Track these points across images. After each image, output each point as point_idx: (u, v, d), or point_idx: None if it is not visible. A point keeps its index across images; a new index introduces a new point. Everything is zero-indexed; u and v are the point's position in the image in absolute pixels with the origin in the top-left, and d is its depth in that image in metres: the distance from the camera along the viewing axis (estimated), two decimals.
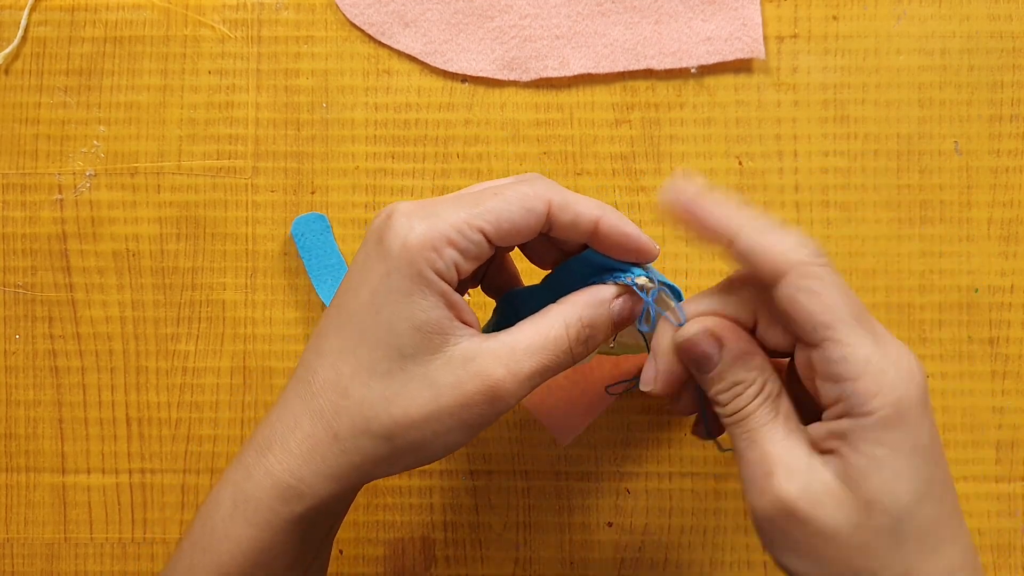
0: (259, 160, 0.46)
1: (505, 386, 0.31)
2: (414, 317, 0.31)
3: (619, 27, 0.46)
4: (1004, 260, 0.45)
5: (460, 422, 0.31)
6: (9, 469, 0.46)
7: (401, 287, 0.31)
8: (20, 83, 0.47)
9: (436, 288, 0.31)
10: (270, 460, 0.33)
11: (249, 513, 0.33)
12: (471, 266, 0.32)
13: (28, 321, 0.46)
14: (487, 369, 0.31)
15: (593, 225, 0.33)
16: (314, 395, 0.32)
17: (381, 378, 0.31)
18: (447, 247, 0.31)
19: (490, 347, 0.32)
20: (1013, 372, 0.45)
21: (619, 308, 0.33)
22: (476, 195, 0.33)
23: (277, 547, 0.33)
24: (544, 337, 0.32)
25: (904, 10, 0.46)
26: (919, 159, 0.45)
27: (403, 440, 0.32)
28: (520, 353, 0.32)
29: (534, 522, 0.46)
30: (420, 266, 0.31)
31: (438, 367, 0.31)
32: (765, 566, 0.45)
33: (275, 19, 0.47)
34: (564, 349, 0.32)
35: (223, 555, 0.33)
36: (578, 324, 0.32)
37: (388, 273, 0.31)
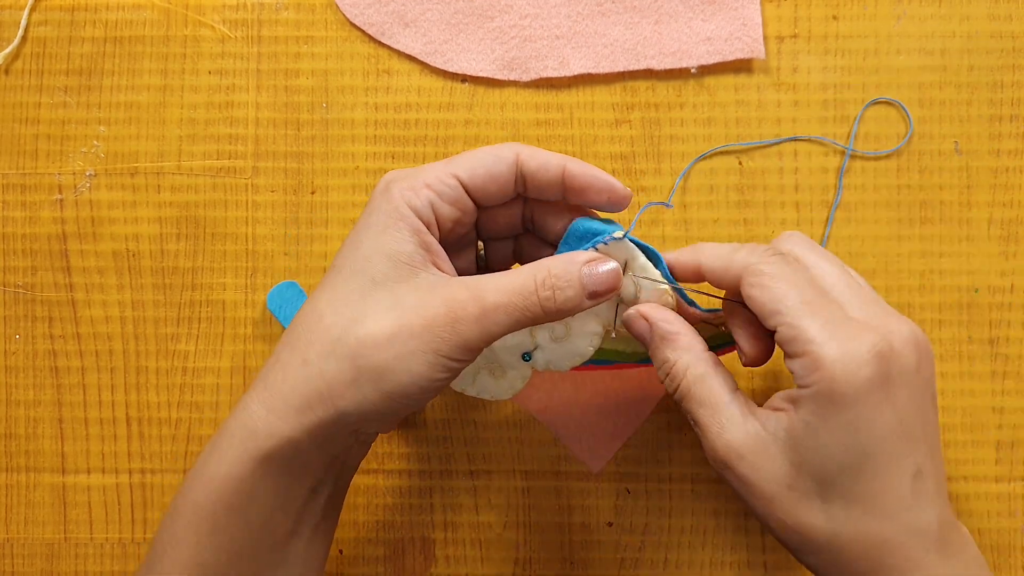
0: (259, 160, 0.46)
1: (468, 310, 0.32)
2: (387, 247, 0.33)
3: (619, 27, 0.46)
4: (1004, 260, 0.45)
5: (423, 344, 0.32)
6: (9, 469, 0.46)
7: (379, 222, 0.34)
8: (20, 83, 0.47)
9: (410, 223, 0.34)
10: (250, 395, 0.34)
11: (223, 449, 0.34)
12: (450, 212, 0.35)
13: (28, 321, 0.46)
14: (451, 293, 0.33)
15: (560, 169, 0.35)
16: (294, 328, 0.34)
17: (351, 302, 0.33)
18: (423, 188, 0.34)
19: (459, 279, 0.34)
20: (1013, 372, 0.45)
21: (588, 272, 0.34)
22: (452, 157, 0.36)
23: (248, 488, 0.33)
24: (511, 279, 0.33)
25: (904, 10, 0.46)
26: (919, 159, 0.45)
27: (366, 361, 0.32)
28: (485, 286, 0.33)
29: (534, 522, 0.46)
30: (396, 203, 0.34)
31: (405, 291, 0.33)
32: (765, 566, 0.45)
33: (275, 19, 0.47)
34: (529, 290, 0.33)
35: (199, 493, 0.34)
36: (545, 272, 0.34)
37: (369, 214, 0.34)
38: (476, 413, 0.46)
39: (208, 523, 0.34)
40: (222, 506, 0.33)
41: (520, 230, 0.39)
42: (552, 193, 0.36)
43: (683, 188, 0.46)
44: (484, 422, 0.46)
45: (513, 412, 0.46)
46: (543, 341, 0.38)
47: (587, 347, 0.38)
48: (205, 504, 0.34)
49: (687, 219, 0.46)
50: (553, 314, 0.34)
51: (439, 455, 0.46)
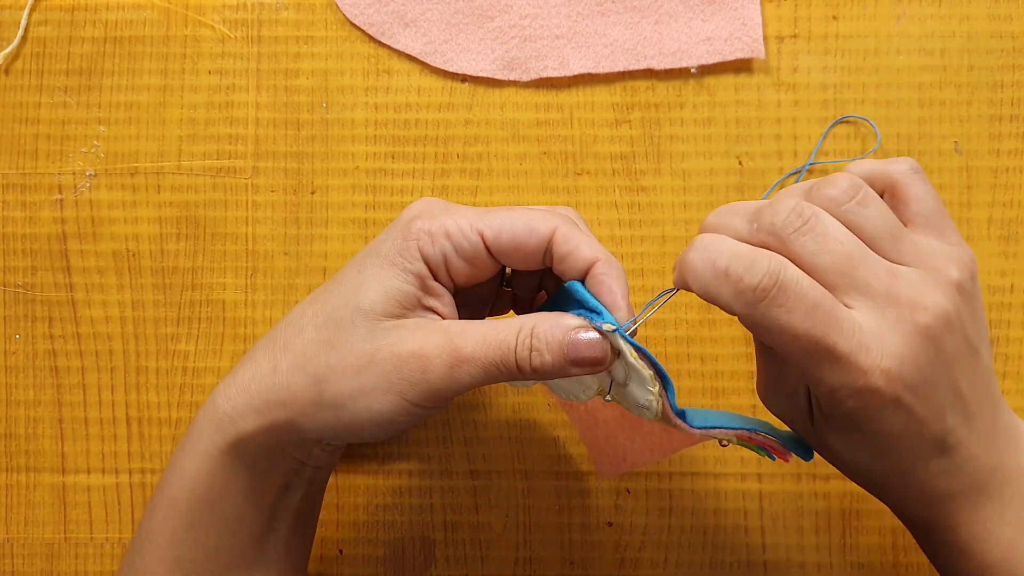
0: (259, 160, 0.46)
1: (440, 356, 0.31)
2: (386, 282, 0.33)
3: (619, 27, 0.46)
4: (1004, 260, 0.45)
5: (388, 384, 0.32)
6: (9, 469, 0.46)
7: (388, 256, 0.33)
8: (20, 83, 0.47)
9: (416, 268, 0.33)
10: (218, 389, 0.34)
11: (194, 442, 0.34)
12: (464, 267, 0.33)
13: (28, 321, 0.46)
14: (429, 337, 0.32)
15: (587, 266, 0.33)
16: (276, 330, 0.34)
17: (334, 325, 0.33)
18: (443, 237, 0.33)
19: (445, 324, 0.33)
20: (1013, 372, 0.45)
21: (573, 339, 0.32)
22: (495, 207, 0.34)
23: (218, 483, 0.34)
24: (492, 332, 0.32)
25: (904, 10, 0.46)
26: (919, 159, 0.45)
27: (329, 387, 0.32)
28: (465, 337, 0.32)
29: (534, 522, 0.46)
30: (409, 243, 0.33)
31: (385, 328, 0.32)
32: (765, 566, 0.45)
33: (275, 19, 0.47)
34: (508, 347, 0.32)
35: (173, 487, 0.34)
36: (529, 332, 0.32)
37: (383, 242, 0.34)
38: (476, 413, 0.46)
39: (183, 517, 0.34)
40: (195, 500, 0.34)
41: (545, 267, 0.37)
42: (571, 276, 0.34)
43: (683, 188, 0.46)
44: (484, 422, 0.46)
45: (513, 412, 0.46)
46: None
47: (581, 395, 0.36)
48: (179, 498, 0.34)
49: (687, 219, 0.46)
50: (528, 374, 0.32)
51: (439, 455, 0.46)
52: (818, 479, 0.45)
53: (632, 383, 0.33)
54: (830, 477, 0.45)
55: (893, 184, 0.33)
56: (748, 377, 0.45)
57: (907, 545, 0.45)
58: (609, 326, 0.32)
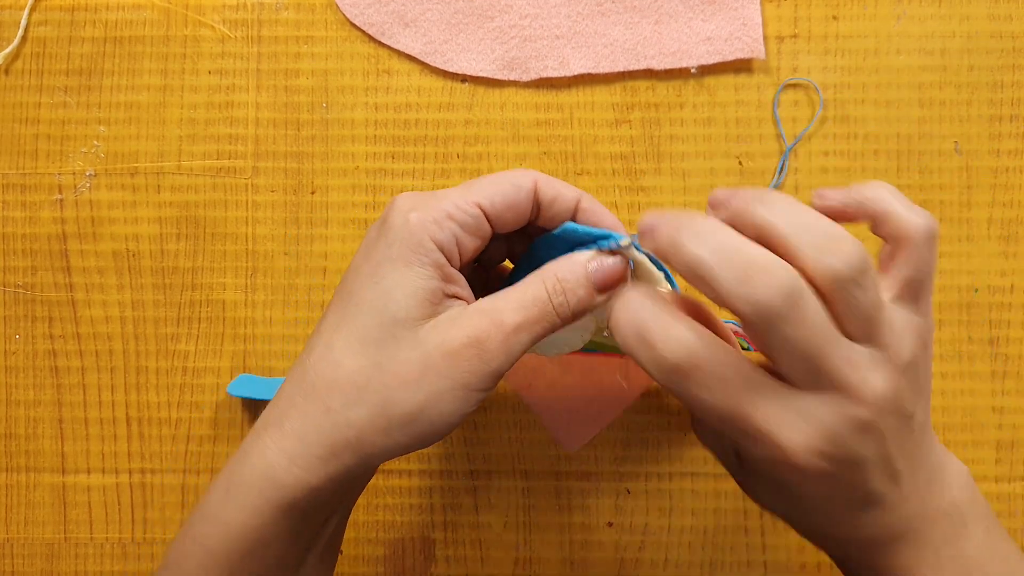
0: (259, 160, 0.46)
1: (491, 336, 0.31)
2: (410, 284, 0.32)
3: (619, 27, 0.46)
4: (1004, 260, 0.45)
5: (451, 383, 0.31)
6: (9, 469, 0.46)
7: (402, 256, 0.32)
8: (20, 83, 0.47)
9: (434, 258, 0.32)
10: (264, 441, 0.32)
11: (240, 497, 0.32)
12: (472, 242, 0.33)
13: (28, 321, 0.46)
14: (472, 323, 0.32)
15: (574, 204, 0.35)
16: (307, 371, 0.32)
17: (373, 346, 0.32)
18: (447, 220, 0.33)
19: (475, 306, 0.33)
20: (1013, 372, 0.45)
21: (595, 267, 0.33)
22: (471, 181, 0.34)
23: (267, 535, 0.32)
24: (523, 294, 0.32)
25: (904, 10, 0.46)
26: (919, 159, 0.45)
27: (397, 409, 0.31)
28: (503, 308, 0.32)
29: (534, 522, 0.46)
30: (421, 237, 0.32)
31: (427, 330, 0.32)
32: (765, 566, 0.45)
33: (275, 19, 0.47)
34: (543, 300, 0.32)
35: (212, 539, 0.33)
36: (552, 279, 0.33)
37: (390, 245, 0.32)
38: (476, 413, 0.46)
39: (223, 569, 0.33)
40: (237, 554, 0.33)
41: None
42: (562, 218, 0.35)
43: (683, 188, 0.46)
44: (484, 422, 0.46)
45: (513, 412, 0.46)
46: None
47: (577, 340, 0.37)
48: (220, 552, 0.33)
49: None
50: (568, 319, 0.33)
51: (439, 455, 0.46)
52: None
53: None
54: None
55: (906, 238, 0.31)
56: None
57: None
58: (626, 240, 0.33)
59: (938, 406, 0.45)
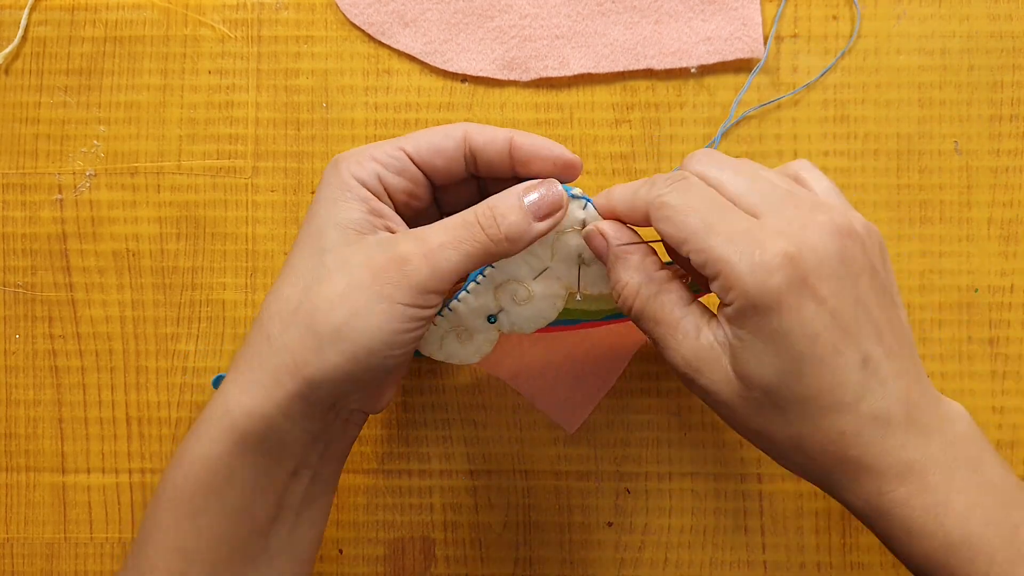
0: (259, 160, 0.46)
1: (414, 253, 0.33)
2: (336, 217, 0.34)
3: (619, 27, 0.46)
4: (1004, 260, 0.45)
5: (374, 295, 0.33)
6: (9, 469, 0.46)
7: (328, 196, 0.35)
8: (20, 83, 0.47)
9: (358, 192, 0.35)
10: (225, 382, 0.35)
11: (201, 431, 0.34)
12: (399, 182, 0.36)
13: (28, 321, 0.46)
14: (396, 243, 0.34)
15: (507, 142, 0.36)
16: (261, 312, 0.35)
17: (305, 274, 0.34)
18: (369, 160, 0.35)
19: (404, 231, 0.35)
20: (1013, 372, 0.45)
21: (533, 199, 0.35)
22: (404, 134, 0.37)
23: (225, 469, 0.34)
24: (453, 218, 0.34)
25: (904, 10, 0.46)
26: (919, 159, 0.45)
27: (323, 325, 0.33)
28: (430, 232, 0.34)
29: (534, 522, 0.46)
30: (343, 176, 0.35)
31: (353, 251, 0.34)
32: (765, 566, 0.45)
33: (275, 19, 0.47)
34: (471, 223, 0.34)
35: (178, 476, 0.34)
36: (486, 207, 0.34)
37: (320, 190, 0.35)
38: (476, 413, 0.46)
39: (187, 506, 0.34)
40: (200, 488, 0.34)
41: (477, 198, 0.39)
42: (502, 169, 0.37)
43: None
44: (484, 422, 0.46)
45: (513, 413, 0.46)
46: (507, 304, 0.38)
47: (550, 309, 0.38)
48: (184, 486, 0.34)
49: None
50: (501, 242, 0.34)
51: (439, 455, 0.46)
52: None
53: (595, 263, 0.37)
54: None
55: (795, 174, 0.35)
56: None
57: None
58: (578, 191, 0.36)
59: None
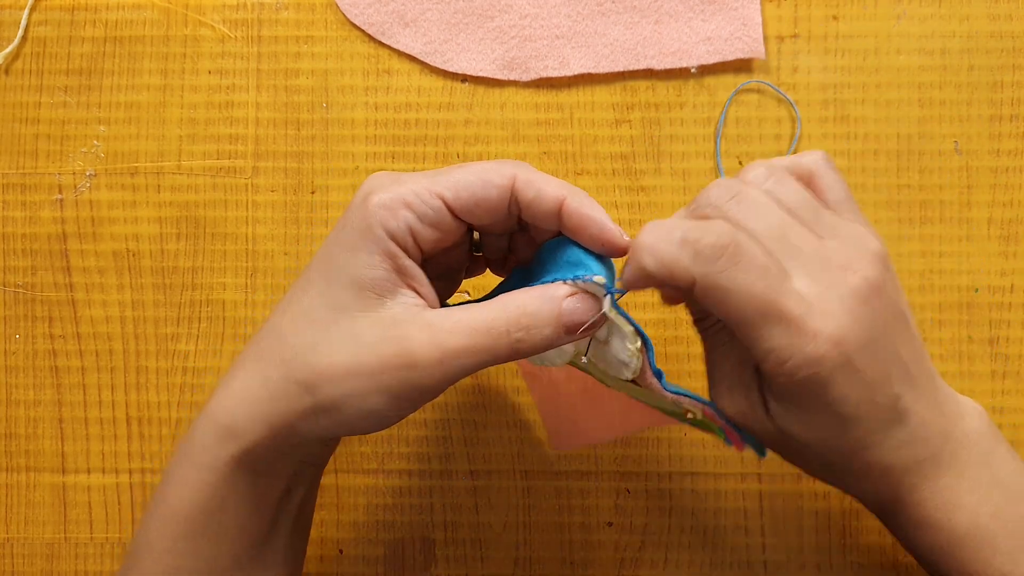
0: (259, 160, 0.46)
1: (423, 354, 0.31)
2: (354, 272, 0.31)
3: (619, 27, 0.46)
4: (1004, 260, 0.45)
5: (377, 385, 0.31)
6: (9, 469, 0.46)
7: (350, 241, 0.32)
8: (20, 83, 0.47)
9: (383, 247, 0.31)
10: (213, 403, 0.33)
11: (192, 455, 0.33)
12: (432, 234, 0.32)
13: (28, 321, 0.46)
14: (408, 334, 0.31)
15: (557, 204, 0.32)
16: (259, 339, 0.33)
17: (313, 326, 0.32)
18: (402, 208, 0.31)
19: (423, 316, 0.31)
20: (1013, 372, 0.45)
21: (569, 307, 0.32)
22: (445, 168, 0.33)
23: (220, 492, 0.33)
24: (479, 318, 0.31)
25: (904, 10, 0.46)
26: (919, 159, 0.45)
27: (322, 394, 0.31)
28: (450, 327, 0.31)
29: (534, 522, 0.46)
30: (371, 222, 0.31)
31: (365, 325, 0.31)
32: (765, 566, 0.45)
33: (275, 19, 0.47)
34: (498, 332, 0.31)
35: (171, 499, 0.33)
36: (518, 311, 0.31)
37: (343, 228, 0.32)
38: (476, 413, 0.46)
39: (183, 528, 0.33)
40: (196, 510, 0.33)
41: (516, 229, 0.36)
42: (547, 224, 0.33)
43: (683, 188, 0.46)
44: (484, 422, 0.46)
45: (513, 412, 0.46)
46: None
47: (556, 359, 0.36)
48: (179, 509, 0.33)
49: None
50: (525, 354, 0.32)
51: (439, 455, 0.46)
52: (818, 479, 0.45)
53: (614, 338, 0.34)
54: None
55: (809, 173, 0.34)
56: None
57: None
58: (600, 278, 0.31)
59: None
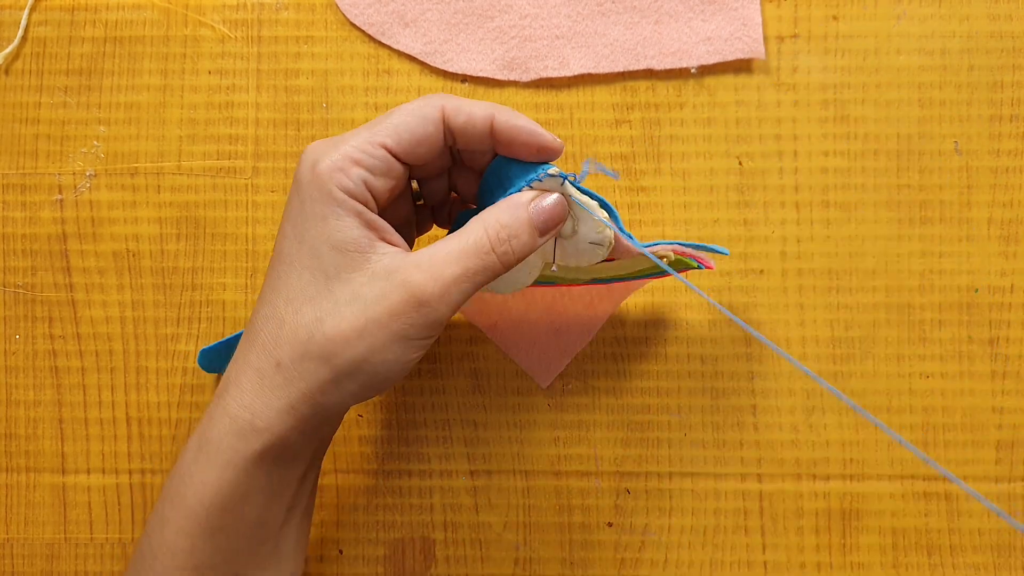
0: (259, 160, 0.46)
1: (428, 290, 0.32)
2: (332, 238, 0.32)
3: (619, 27, 0.46)
4: (1004, 260, 0.45)
5: (392, 334, 0.32)
6: (9, 469, 0.46)
7: (316, 212, 0.32)
8: (20, 83, 0.47)
9: (349, 207, 0.32)
10: (226, 400, 0.33)
11: (212, 454, 0.33)
12: (384, 183, 0.34)
13: (28, 321, 0.46)
14: (409, 277, 0.32)
15: (488, 122, 0.34)
16: (257, 331, 0.34)
17: (311, 301, 0.32)
18: (353, 166, 0.33)
19: (412, 259, 0.33)
20: (1013, 372, 0.45)
21: (536, 209, 0.34)
22: (376, 119, 0.34)
23: (242, 488, 0.33)
24: (464, 242, 0.33)
25: (904, 10, 0.46)
26: (919, 159, 0.45)
27: (341, 359, 0.32)
28: (441, 259, 0.33)
29: (534, 522, 0.46)
30: (329, 188, 0.32)
31: (362, 283, 0.32)
32: (765, 566, 0.45)
33: (275, 19, 0.47)
34: (485, 250, 0.33)
35: (190, 499, 0.34)
36: (496, 225, 0.33)
37: (303, 202, 0.33)
38: (476, 413, 0.46)
39: (203, 526, 0.33)
40: (216, 509, 0.33)
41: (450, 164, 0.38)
42: (482, 147, 0.35)
43: (683, 188, 0.46)
44: (484, 422, 0.46)
45: (513, 413, 0.46)
46: None
47: (527, 278, 0.38)
48: (199, 509, 0.33)
49: (687, 219, 0.46)
50: (512, 264, 0.34)
51: (439, 455, 0.46)
52: (818, 479, 0.45)
53: (581, 224, 0.36)
54: (830, 477, 0.45)
55: None
56: (748, 377, 0.45)
57: (907, 545, 0.45)
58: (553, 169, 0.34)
59: (938, 406, 0.45)
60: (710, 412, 0.45)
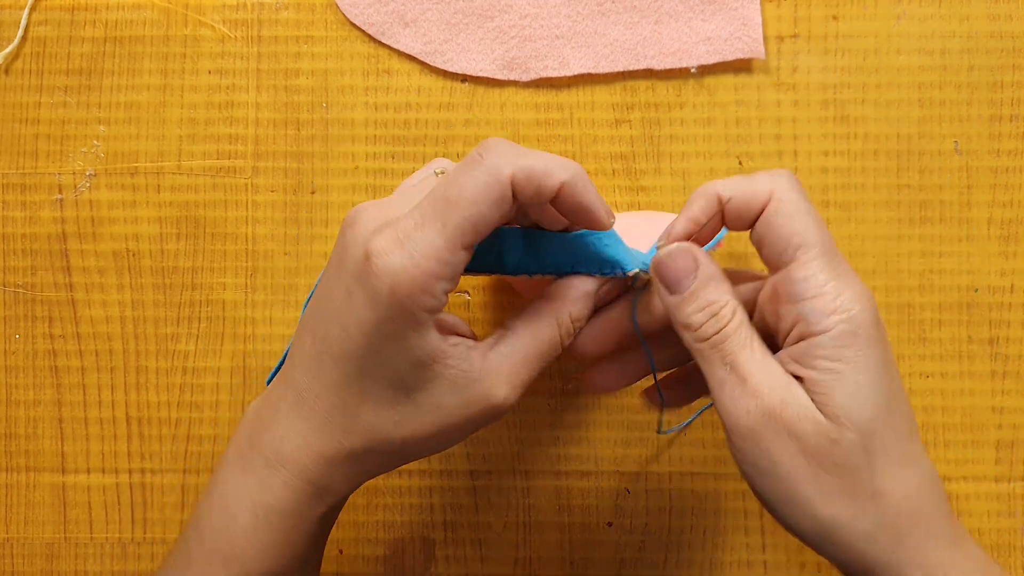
0: (259, 160, 0.46)
1: (504, 396, 0.33)
2: (413, 356, 0.31)
3: (619, 27, 0.46)
4: (1004, 260, 0.45)
5: (464, 433, 0.34)
6: (9, 469, 0.46)
7: (397, 332, 0.31)
8: (20, 83, 0.47)
9: (429, 324, 0.31)
10: (286, 476, 0.34)
11: (274, 521, 0.34)
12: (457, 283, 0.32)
13: (28, 321, 0.46)
14: (491, 391, 0.33)
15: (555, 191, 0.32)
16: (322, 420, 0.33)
17: (389, 406, 0.33)
18: (435, 282, 0.30)
19: (489, 366, 0.33)
20: (1013, 372, 0.45)
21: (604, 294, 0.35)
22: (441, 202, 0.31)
23: (302, 545, 0.35)
24: (540, 342, 0.34)
25: (904, 10, 0.46)
26: (919, 159, 0.45)
27: (412, 452, 0.34)
28: (519, 362, 0.33)
29: (534, 522, 0.46)
30: (413, 310, 0.30)
31: (443, 392, 0.32)
32: (765, 566, 0.45)
33: (275, 19, 0.47)
34: (556, 344, 0.34)
35: (249, 563, 0.34)
36: (567, 321, 0.34)
37: (380, 321, 0.31)
38: None
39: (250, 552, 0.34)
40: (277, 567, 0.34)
41: None
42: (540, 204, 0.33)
43: (683, 188, 0.46)
44: None
45: (513, 413, 0.46)
46: None
47: None
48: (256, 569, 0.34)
49: None
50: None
51: (439, 455, 0.46)
52: None
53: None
54: None
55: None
56: None
57: None
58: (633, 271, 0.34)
59: (938, 406, 0.45)
60: (710, 412, 0.45)
